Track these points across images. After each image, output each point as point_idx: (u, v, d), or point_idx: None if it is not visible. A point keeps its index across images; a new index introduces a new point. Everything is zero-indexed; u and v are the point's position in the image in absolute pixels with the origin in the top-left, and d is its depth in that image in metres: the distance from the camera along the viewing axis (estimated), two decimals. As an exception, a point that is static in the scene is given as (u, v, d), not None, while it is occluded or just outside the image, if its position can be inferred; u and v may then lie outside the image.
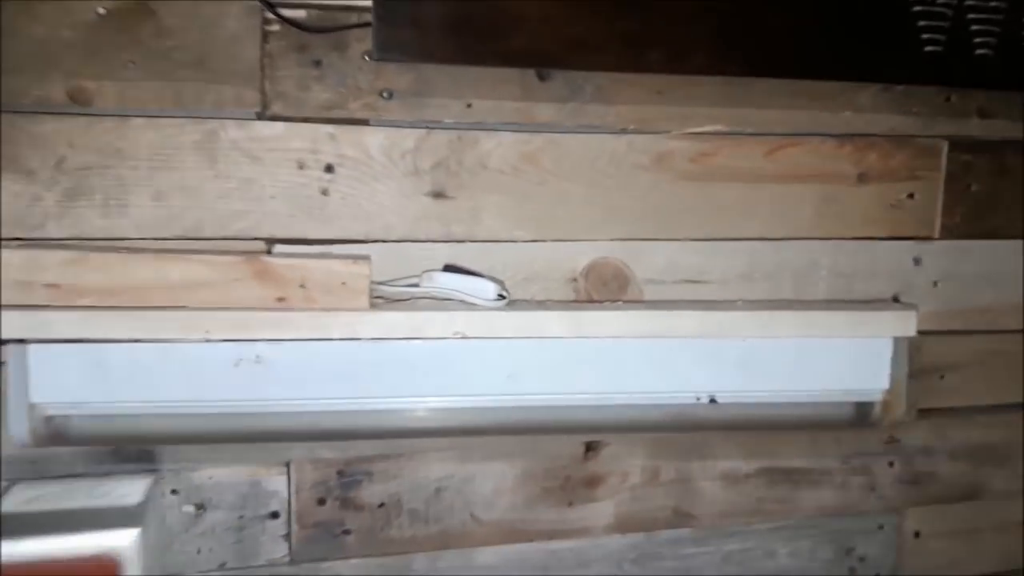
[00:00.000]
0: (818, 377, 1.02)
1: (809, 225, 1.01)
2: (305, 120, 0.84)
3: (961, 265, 1.08)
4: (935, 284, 1.08)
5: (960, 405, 1.12)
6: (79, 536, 0.64)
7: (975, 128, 1.06)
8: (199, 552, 0.87)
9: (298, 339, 0.83)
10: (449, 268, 0.89)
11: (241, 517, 0.87)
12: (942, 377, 1.10)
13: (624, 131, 0.94)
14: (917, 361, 1.07)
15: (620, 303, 0.95)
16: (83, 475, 0.82)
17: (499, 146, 0.90)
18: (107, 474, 0.82)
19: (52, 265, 0.76)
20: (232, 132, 0.83)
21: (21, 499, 0.76)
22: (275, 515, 0.88)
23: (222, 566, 0.88)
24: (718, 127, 0.96)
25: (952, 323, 1.09)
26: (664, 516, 1.01)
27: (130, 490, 0.73)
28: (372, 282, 0.84)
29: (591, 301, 0.95)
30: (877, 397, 1.06)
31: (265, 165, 0.84)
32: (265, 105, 0.83)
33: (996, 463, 1.14)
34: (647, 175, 0.95)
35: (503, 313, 0.87)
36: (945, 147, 1.05)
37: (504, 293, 0.89)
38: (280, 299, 0.81)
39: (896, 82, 1.00)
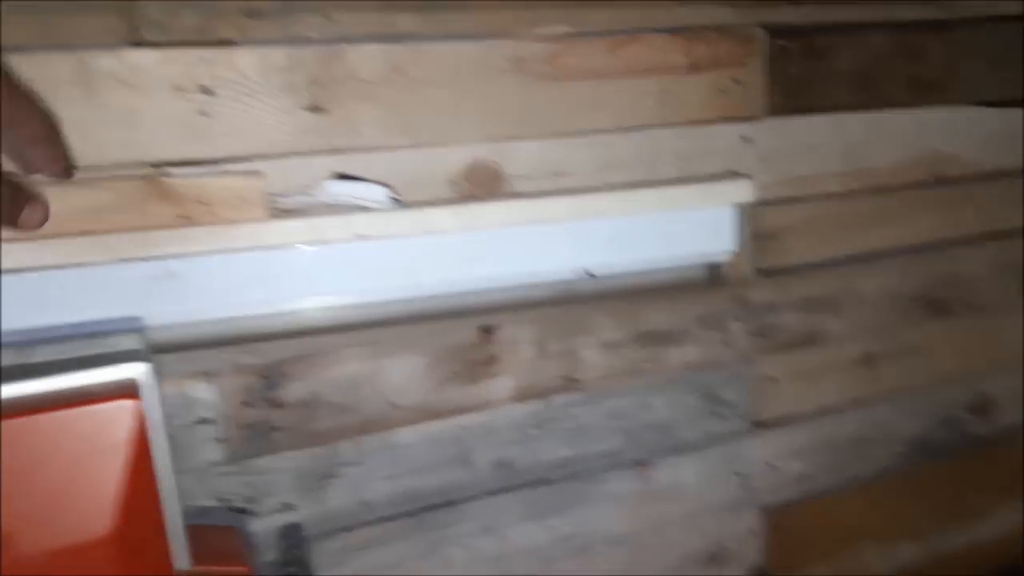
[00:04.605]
0: (676, 245, 1.10)
1: (652, 114, 1.06)
2: (177, 45, 0.82)
3: (785, 140, 1.16)
4: (764, 159, 1.15)
5: (795, 263, 1.21)
6: (97, 371, 0.63)
7: (789, 15, 1.12)
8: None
9: (205, 252, 0.83)
10: (340, 176, 0.89)
11: (174, 427, 0.87)
12: (777, 241, 1.18)
13: (482, 37, 0.95)
14: (755, 228, 1.15)
15: (500, 196, 0.98)
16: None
17: (366, 58, 0.89)
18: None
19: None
20: (106, 62, 0.79)
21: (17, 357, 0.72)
22: (206, 421, 0.88)
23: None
24: (565, 28, 0.99)
25: (781, 192, 1.17)
26: (556, 384, 1.06)
27: (125, 341, 0.70)
28: (268, 194, 0.85)
29: (473, 198, 0.97)
30: (726, 258, 1.14)
31: (143, 92, 0.81)
32: (135, 33, 0.80)
33: (830, 311, 1.24)
34: (508, 78, 0.97)
35: (397, 213, 0.90)
36: (763, 34, 1.11)
37: (396, 196, 0.90)
38: (183, 216, 0.81)
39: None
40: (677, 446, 1.16)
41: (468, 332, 1.00)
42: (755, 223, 1.15)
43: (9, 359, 0.71)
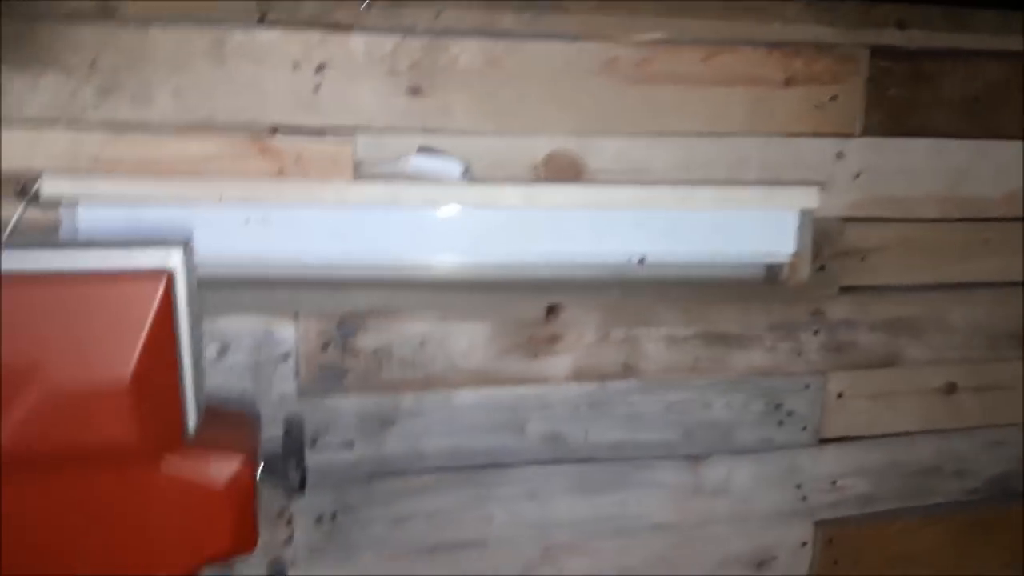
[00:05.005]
0: (734, 242, 1.12)
1: (740, 123, 1.08)
2: (298, 27, 0.92)
3: (880, 160, 1.15)
4: (857, 176, 1.14)
5: (879, 284, 1.20)
6: (132, 251, 0.72)
7: (894, 38, 1.11)
8: (223, 384, 0.98)
9: (296, 203, 0.94)
10: (422, 150, 0.98)
11: (257, 358, 0.98)
12: (863, 259, 1.17)
13: (577, 39, 1.00)
14: (840, 244, 1.15)
15: (567, 181, 1.04)
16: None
17: (466, 51, 0.97)
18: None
19: (94, 142, 0.88)
20: (237, 38, 0.91)
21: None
22: (286, 357, 0.99)
23: (242, 393, 0.99)
24: (659, 35, 1.02)
25: (872, 211, 1.16)
26: (615, 369, 1.11)
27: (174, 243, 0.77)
28: (357, 160, 0.95)
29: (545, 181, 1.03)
30: (785, 260, 1.15)
31: (266, 66, 0.92)
32: (263, 14, 0.91)
33: (911, 335, 1.22)
34: (597, 78, 1.02)
35: (468, 186, 0.98)
36: (866, 55, 1.10)
37: (468, 172, 0.98)
38: (280, 171, 0.93)
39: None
40: (733, 448, 1.18)
41: (535, 309, 1.06)
42: (841, 239, 1.15)
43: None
